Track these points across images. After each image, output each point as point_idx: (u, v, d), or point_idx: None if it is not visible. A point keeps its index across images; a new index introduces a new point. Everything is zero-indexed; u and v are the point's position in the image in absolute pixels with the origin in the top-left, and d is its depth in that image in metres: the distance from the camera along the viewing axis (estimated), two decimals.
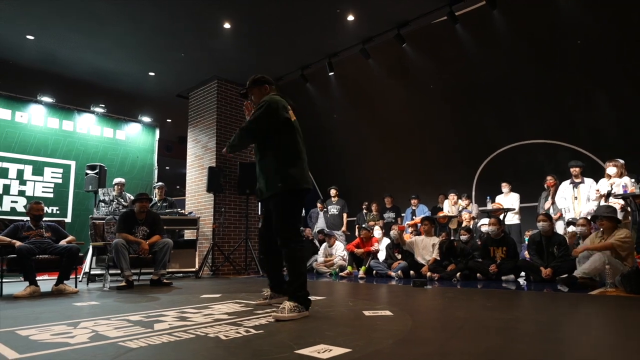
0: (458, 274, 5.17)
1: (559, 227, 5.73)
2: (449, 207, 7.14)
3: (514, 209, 6.47)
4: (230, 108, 7.91)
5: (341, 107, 8.63)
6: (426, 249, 5.83)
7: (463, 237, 5.70)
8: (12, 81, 7.36)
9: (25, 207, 6.80)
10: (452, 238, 6.18)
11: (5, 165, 6.84)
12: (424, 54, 6.81)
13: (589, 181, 5.59)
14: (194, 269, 6.57)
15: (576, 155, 6.42)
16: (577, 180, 5.66)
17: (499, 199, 6.65)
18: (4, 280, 4.51)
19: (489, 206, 6.34)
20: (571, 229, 5.34)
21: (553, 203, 5.95)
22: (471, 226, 6.39)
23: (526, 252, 5.37)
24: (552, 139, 6.87)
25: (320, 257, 7.15)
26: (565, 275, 4.28)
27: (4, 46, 6.45)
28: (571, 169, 5.69)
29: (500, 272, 5.00)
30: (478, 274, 5.16)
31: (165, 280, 5.15)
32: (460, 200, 7.09)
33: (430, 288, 4.40)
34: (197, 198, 7.88)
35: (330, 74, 7.18)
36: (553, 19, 5.94)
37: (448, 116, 7.74)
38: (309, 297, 2.76)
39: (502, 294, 3.96)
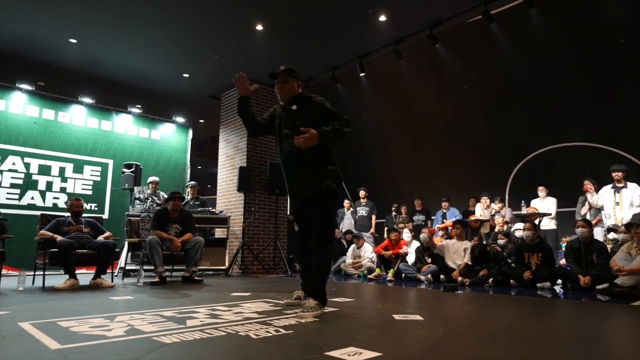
0: (490, 279, 5.04)
1: (598, 234, 5.48)
2: (481, 210, 6.97)
3: (551, 214, 6.24)
4: (261, 108, 7.98)
5: (371, 108, 8.58)
6: (457, 253, 5.70)
7: (500, 242, 5.55)
8: (55, 83, 7.69)
9: (66, 203, 7.12)
10: (484, 242, 6.03)
11: (48, 163, 7.18)
12: (456, 54, 6.68)
13: (632, 186, 5.33)
14: (224, 267, 6.68)
15: (617, 159, 6.14)
16: (619, 185, 5.41)
17: (534, 203, 6.44)
18: (46, 273, 4.74)
19: (524, 210, 6.14)
20: (612, 235, 5.10)
21: (590, 208, 5.71)
22: (504, 231, 6.21)
23: (563, 259, 5.16)
24: (592, 141, 6.59)
25: (348, 259, 7.12)
26: (606, 284, 4.10)
27: (49, 49, 6.75)
28: (613, 174, 5.44)
29: (535, 279, 4.83)
30: (511, 281, 5.00)
31: (196, 278, 5.26)
32: (493, 204, 6.90)
33: (462, 293, 4.30)
34: (228, 197, 8.01)
35: (361, 74, 7.15)
36: (595, 16, 5.71)
37: (481, 117, 7.56)
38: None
39: (538, 302, 3.82)
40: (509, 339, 2.16)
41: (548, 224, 6.34)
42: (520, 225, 6.04)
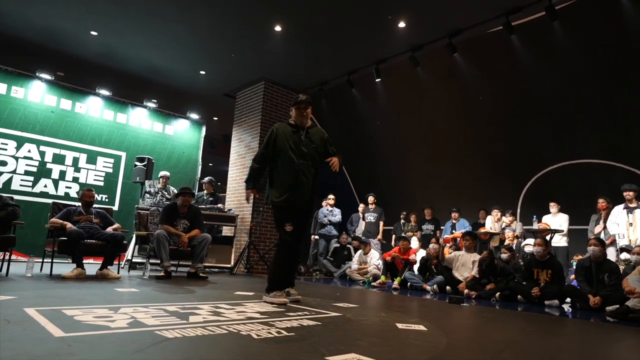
0: (497, 294, 4.96)
1: (611, 254, 5.37)
2: (491, 223, 6.88)
3: (562, 231, 6.14)
4: (275, 109, 8.02)
5: (385, 114, 8.56)
6: (465, 265, 5.63)
7: (503, 256, 5.47)
8: (74, 73, 7.81)
9: (78, 193, 7.20)
10: (493, 256, 5.94)
11: (63, 152, 7.27)
12: (475, 64, 6.63)
13: None
14: (229, 265, 6.69)
15: (634, 178, 6.01)
16: (631, 205, 5.30)
17: (546, 218, 6.34)
18: (54, 261, 4.80)
19: (535, 226, 6.05)
20: (624, 256, 4.99)
21: (604, 228, 5.60)
22: (514, 245, 6.12)
23: (572, 277, 5.07)
24: (609, 159, 6.47)
25: (354, 264, 7.09)
26: (616, 305, 4.00)
27: (70, 40, 6.86)
28: (624, 193, 5.33)
29: (544, 296, 4.73)
30: (519, 296, 4.91)
31: (201, 274, 5.27)
32: (504, 217, 6.81)
33: (467, 306, 4.24)
34: (237, 196, 8.03)
35: (377, 80, 7.13)
36: (618, 33, 5.62)
37: (496, 129, 7.48)
38: None
39: (545, 319, 3.75)
40: (512, 355, 2.12)
41: (559, 241, 6.24)
42: (530, 240, 5.95)
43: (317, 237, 8.14)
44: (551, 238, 5.98)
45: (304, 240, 4.03)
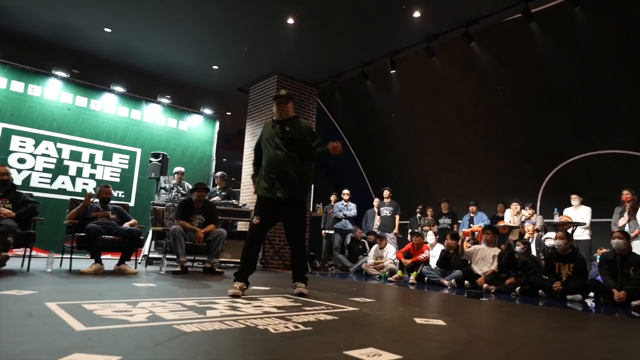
0: (517, 288, 4.86)
1: (636, 247, 5.22)
2: (510, 216, 6.75)
3: (585, 224, 5.99)
4: (299, 107, 7.97)
5: (400, 107, 8.46)
6: (485, 259, 5.54)
7: (517, 248, 5.37)
8: (89, 71, 7.88)
9: (94, 189, 7.29)
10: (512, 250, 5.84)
11: (79, 149, 7.37)
12: (492, 53, 6.49)
13: None
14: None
15: None
16: None
17: (567, 211, 6.19)
18: (73, 257, 4.86)
19: (556, 219, 5.91)
20: None
21: (630, 220, 5.44)
22: (534, 239, 6.00)
23: (597, 271, 4.94)
24: (634, 149, 6.28)
25: (370, 259, 7.04)
26: None
27: (84, 38, 6.91)
28: None
29: (566, 291, 4.63)
30: (540, 291, 4.81)
31: (217, 269, 5.29)
32: (523, 210, 6.67)
33: (486, 301, 4.17)
34: (252, 190, 8.02)
35: (392, 71, 7.03)
36: None
37: (515, 120, 7.33)
38: None
39: (567, 314, 3.67)
40: (535, 350, 2.06)
41: (581, 234, 6.09)
42: (551, 234, 5.82)
43: (328, 231, 8.11)
44: (573, 231, 5.84)
45: (311, 235, 4.08)
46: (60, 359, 1.35)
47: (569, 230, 5.61)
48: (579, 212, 6.11)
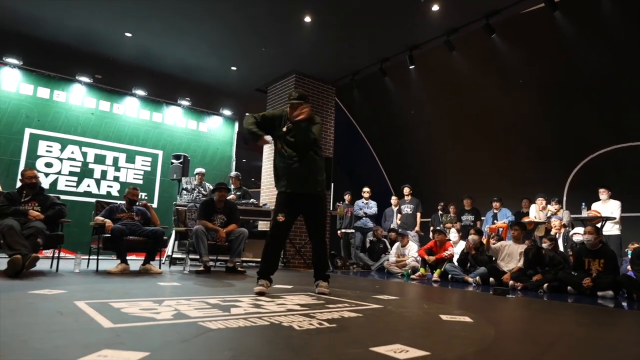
0: (545, 285, 4.74)
1: None
2: (536, 212, 6.58)
3: (614, 218, 5.79)
4: (316, 105, 7.97)
5: (420, 102, 8.35)
6: (512, 255, 5.42)
7: (544, 245, 5.22)
8: (111, 75, 8.05)
9: (119, 191, 7.45)
10: (539, 245, 5.69)
11: (103, 152, 7.53)
12: (515, 45, 6.33)
13: None
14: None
15: None
16: None
17: (595, 206, 6.00)
18: (99, 258, 4.97)
19: (584, 213, 5.74)
20: None
21: None
22: (562, 234, 5.83)
23: (628, 267, 4.77)
24: None
25: (392, 257, 6.98)
26: None
27: (106, 43, 7.06)
28: None
29: (596, 287, 4.48)
30: (569, 287, 4.67)
31: (239, 268, 5.32)
32: (549, 206, 6.50)
33: (513, 298, 4.07)
34: (272, 190, 8.06)
35: (411, 67, 6.94)
36: None
37: (540, 113, 7.14)
38: None
39: (599, 311, 3.55)
40: (567, 347, 2.00)
41: (611, 229, 5.90)
42: (579, 229, 5.65)
43: (346, 230, 8.07)
44: (602, 226, 5.66)
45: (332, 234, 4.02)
46: (90, 354, 1.37)
47: (598, 225, 5.44)
48: (608, 207, 5.92)
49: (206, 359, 1.46)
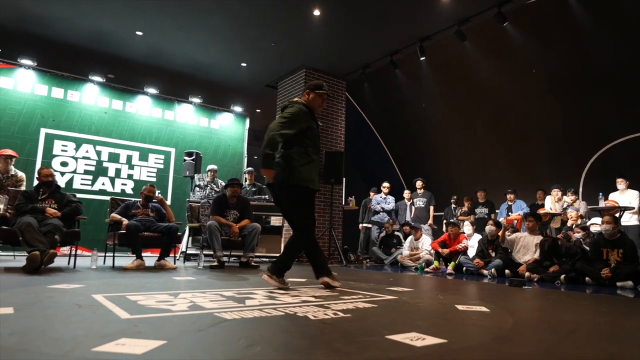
0: (562, 276, 4.66)
1: None
2: (551, 203, 6.48)
3: (633, 208, 5.68)
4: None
5: (431, 95, 8.27)
6: (527, 247, 5.34)
7: (577, 235, 5.12)
8: (123, 75, 8.13)
9: (133, 189, 7.53)
10: (554, 237, 5.61)
11: (117, 151, 7.62)
12: (528, 33, 6.21)
13: None
14: (279, 255, 6.74)
15: None
16: None
17: (613, 196, 5.89)
18: (115, 255, 5.03)
19: (601, 204, 5.63)
20: None
21: None
22: (578, 225, 5.73)
23: None
24: None
25: (405, 250, 6.95)
26: None
27: (117, 42, 7.13)
28: None
29: (615, 278, 4.40)
30: (587, 278, 4.60)
31: (253, 263, 5.35)
32: (565, 197, 6.39)
33: (530, 289, 4.02)
34: None
35: (422, 58, 6.87)
36: None
37: (554, 102, 7.01)
38: None
39: (618, 300, 3.48)
40: (587, 335, 1.97)
41: (629, 219, 5.78)
42: (596, 219, 5.55)
43: (366, 225, 8.09)
44: (620, 216, 5.55)
45: (347, 229, 3.86)
46: (109, 343, 1.38)
47: (617, 215, 5.33)
48: (626, 197, 5.81)
49: (222, 347, 1.47)
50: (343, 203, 8.08)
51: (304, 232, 3.29)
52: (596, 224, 5.43)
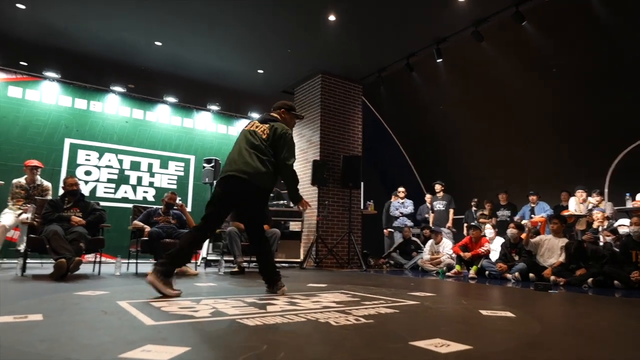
0: (590, 279, 4.53)
1: None
2: (575, 205, 6.31)
3: None
4: (333, 102, 7.97)
5: (449, 97, 8.19)
6: (552, 250, 5.21)
7: (608, 238, 4.97)
8: (143, 84, 8.29)
9: (154, 197, 7.66)
10: (580, 239, 5.46)
11: (138, 159, 7.77)
12: (547, 32, 6.09)
13: None
14: (298, 260, 6.76)
15: None
16: None
17: None
18: (138, 261, 5.12)
19: (629, 204, 5.46)
20: None
21: None
22: (605, 227, 5.57)
23: None
24: None
25: (426, 255, 6.86)
26: None
27: (136, 52, 7.28)
28: None
29: None
30: (615, 282, 4.46)
31: None
32: (590, 198, 6.22)
33: (556, 293, 3.92)
34: (302, 191, 8.04)
35: (438, 60, 6.81)
36: None
37: (575, 102, 6.85)
38: None
39: None
40: (618, 341, 1.91)
41: None
42: (623, 220, 5.38)
43: (391, 229, 8.04)
44: None
45: (367, 233, 3.76)
46: (135, 349, 1.40)
47: None
48: None
49: (245, 354, 1.47)
50: (362, 207, 8.04)
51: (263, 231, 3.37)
52: (624, 225, 5.26)
